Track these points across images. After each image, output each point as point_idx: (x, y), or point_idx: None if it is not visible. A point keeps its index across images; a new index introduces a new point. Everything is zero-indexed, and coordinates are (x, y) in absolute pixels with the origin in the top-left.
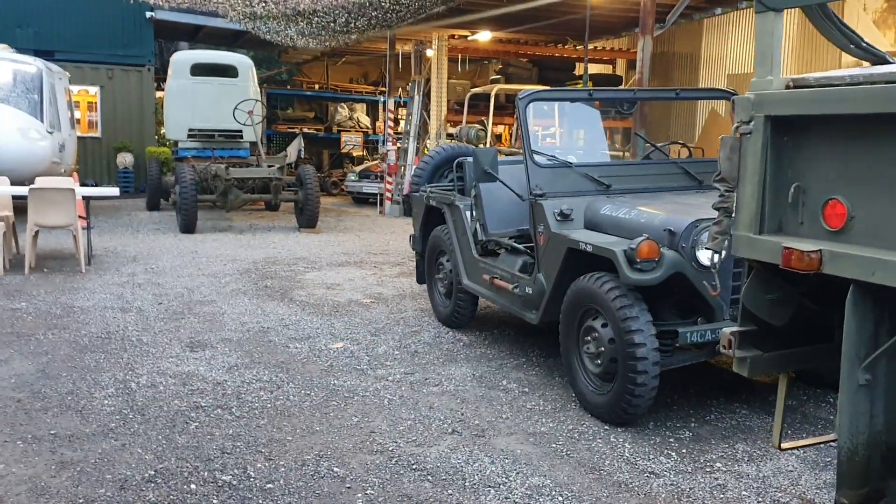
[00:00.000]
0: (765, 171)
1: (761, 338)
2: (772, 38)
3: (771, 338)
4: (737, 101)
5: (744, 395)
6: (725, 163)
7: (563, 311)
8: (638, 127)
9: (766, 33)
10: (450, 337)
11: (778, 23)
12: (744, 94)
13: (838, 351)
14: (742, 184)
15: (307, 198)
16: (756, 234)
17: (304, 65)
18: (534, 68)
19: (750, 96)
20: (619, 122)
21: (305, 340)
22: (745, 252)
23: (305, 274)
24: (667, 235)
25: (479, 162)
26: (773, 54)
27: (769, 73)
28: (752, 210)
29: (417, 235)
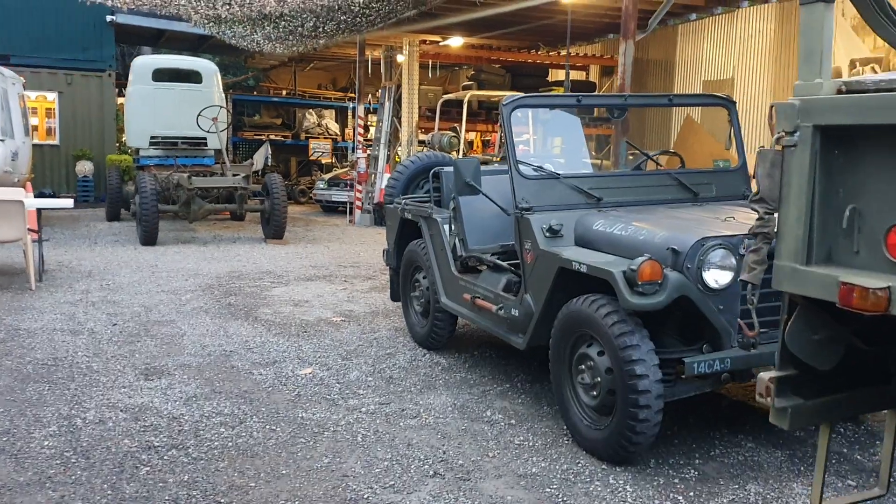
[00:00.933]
0: (813, 190)
1: (803, 384)
2: (821, 34)
3: (814, 383)
4: (779, 108)
5: (747, 425)
6: (765, 180)
7: (554, 337)
8: (620, 135)
9: (814, 27)
10: (427, 360)
11: (828, 15)
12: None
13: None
14: (785, 205)
15: (274, 208)
16: (803, 264)
17: (270, 70)
18: (507, 74)
19: (794, 102)
20: (595, 130)
21: (271, 366)
22: (790, 286)
23: (272, 289)
24: (670, 255)
25: (461, 173)
26: (822, 52)
27: (817, 74)
28: (798, 236)
29: (391, 250)
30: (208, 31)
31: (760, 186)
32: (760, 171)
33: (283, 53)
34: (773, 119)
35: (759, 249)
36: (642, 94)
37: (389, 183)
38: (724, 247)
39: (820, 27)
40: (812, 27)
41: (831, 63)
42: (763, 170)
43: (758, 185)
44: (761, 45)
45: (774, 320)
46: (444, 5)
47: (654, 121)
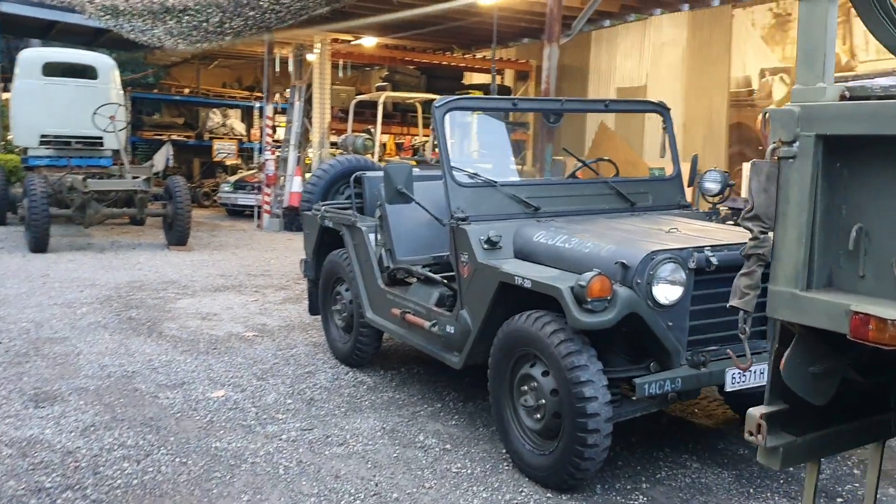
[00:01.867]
0: (814, 207)
1: (794, 419)
2: (824, 32)
3: (805, 418)
4: (775, 116)
5: (689, 443)
6: (760, 195)
7: (494, 356)
8: (546, 141)
9: (816, 25)
10: (350, 379)
11: (832, 11)
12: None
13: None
14: (782, 223)
15: (177, 212)
16: (803, 290)
17: (172, 67)
18: (422, 76)
19: (794, 109)
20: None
21: (179, 388)
22: (788, 314)
23: (177, 301)
24: (619, 269)
25: (392, 180)
26: (825, 54)
27: (820, 77)
28: (798, 259)
29: (310, 260)
30: (104, 25)
31: (754, 202)
32: (754, 186)
33: (187, 50)
34: (766, 127)
35: (752, 273)
36: (579, 98)
37: (307, 188)
38: (674, 260)
39: (823, 25)
40: (813, 25)
41: (834, 66)
42: (757, 184)
43: (751, 200)
44: (673, 53)
45: (725, 336)
46: (358, 3)
47: (565, 127)
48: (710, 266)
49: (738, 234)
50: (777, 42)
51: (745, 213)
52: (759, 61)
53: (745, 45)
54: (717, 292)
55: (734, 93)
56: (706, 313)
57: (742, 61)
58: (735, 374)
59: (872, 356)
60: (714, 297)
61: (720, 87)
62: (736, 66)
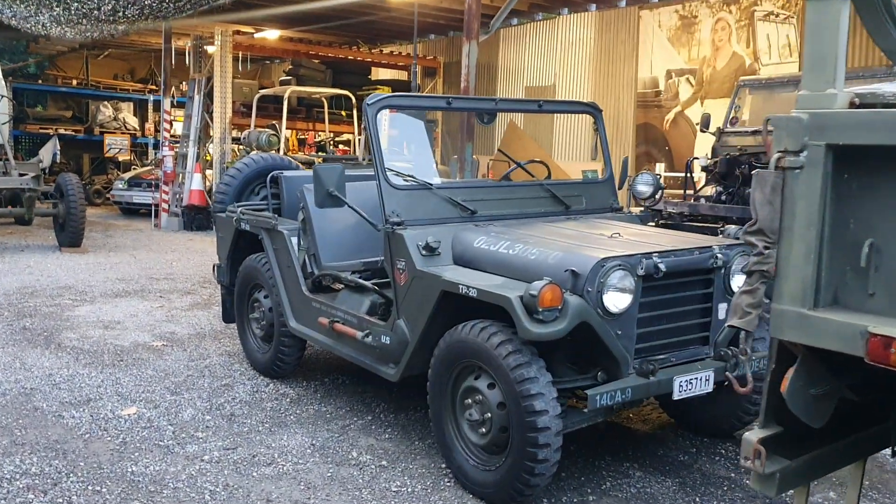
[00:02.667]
0: (822, 221)
1: (787, 442)
2: (835, 35)
3: (798, 440)
4: (779, 123)
5: (629, 451)
6: (764, 208)
7: (434, 368)
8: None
9: (827, 28)
10: (271, 391)
11: (844, 13)
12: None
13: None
14: (788, 238)
15: (70, 211)
16: (811, 309)
17: (58, 57)
18: (328, 71)
19: (801, 116)
20: None
21: (85, 405)
22: (795, 334)
23: (75, 309)
24: (569, 277)
25: (322, 182)
26: (836, 57)
27: (830, 83)
28: (805, 276)
29: (224, 265)
30: None
31: (758, 215)
32: (758, 198)
33: (75, 39)
34: (768, 135)
35: (754, 290)
36: (512, 98)
37: (220, 189)
38: (624, 267)
39: (835, 27)
40: (823, 28)
41: (844, 70)
42: (761, 195)
43: (754, 213)
44: (581, 53)
45: (669, 343)
46: None
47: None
48: (658, 273)
49: (679, 239)
50: (683, 44)
51: (748, 227)
52: (666, 62)
53: (652, 46)
54: (663, 299)
55: (641, 93)
56: (653, 320)
57: (649, 62)
58: (682, 383)
59: (871, 374)
60: (660, 304)
61: (627, 87)
62: (643, 67)
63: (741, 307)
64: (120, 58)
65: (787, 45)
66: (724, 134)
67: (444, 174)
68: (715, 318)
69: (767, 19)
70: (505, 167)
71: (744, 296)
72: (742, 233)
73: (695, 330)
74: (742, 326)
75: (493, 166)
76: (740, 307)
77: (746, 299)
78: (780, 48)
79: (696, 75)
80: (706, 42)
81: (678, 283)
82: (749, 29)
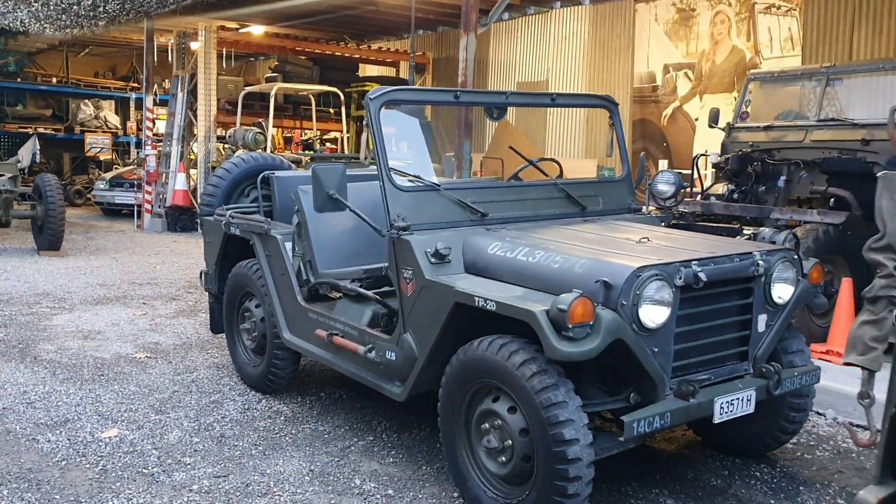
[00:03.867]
0: None
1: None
2: None
3: None
4: None
5: (656, 474)
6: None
7: (446, 388)
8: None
9: None
10: (264, 408)
11: None
12: None
13: None
14: None
15: (49, 213)
16: None
17: (37, 54)
18: (315, 67)
19: None
20: None
21: (62, 427)
22: None
23: (53, 317)
24: (600, 289)
25: (322, 184)
26: None
27: None
28: None
29: (212, 272)
30: None
31: (886, 228)
32: (886, 206)
33: (54, 35)
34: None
35: (880, 321)
36: (524, 91)
37: (208, 190)
38: (661, 277)
39: None
40: None
41: None
42: (890, 203)
43: (881, 225)
44: (575, 47)
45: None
46: None
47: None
48: (697, 283)
49: (714, 244)
50: (681, 38)
51: (872, 243)
52: (663, 57)
53: (649, 40)
54: (702, 311)
55: (637, 88)
56: (690, 335)
57: (645, 57)
58: (724, 404)
59: None
60: (699, 317)
61: (623, 82)
62: (639, 62)
63: (863, 341)
64: (101, 55)
65: (790, 38)
66: (734, 129)
67: (437, 173)
68: (754, 330)
69: (769, 12)
70: (496, 165)
71: (865, 326)
72: (865, 249)
73: (732, 344)
74: (864, 365)
75: (485, 164)
76: (861, 341)
77: (869, 331)
78: (782, 41)
79: (695, 70)
80: (705, 36)
81: (717, 294)
82: (749, 22)
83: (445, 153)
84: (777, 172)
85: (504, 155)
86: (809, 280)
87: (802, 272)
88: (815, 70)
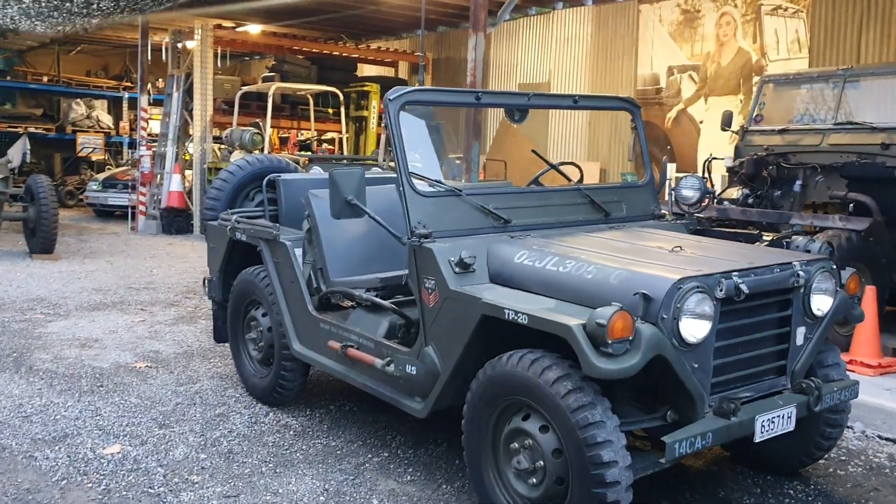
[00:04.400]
0: None
1: None
2: None
3: None
4: None
5: (686, 493)
6: None
7: (472, 404)
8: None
9: None
10: (272, 422)
11: None
12: None
13: None
14: None
15: (41, 215)
16: None
17: (28, 52)
18: (313, 67)
19: None
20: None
21: (61, 443)
22: None
23: (48, 324)
24: (639, 302)
25: (340, 189)
26: None
27: None
28: None
29: (216, 279)
30: None
31: None
32: None
33: (46, 33)
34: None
35: None
36: (545, 93)
37: (211, 194)
38: (702, 290)
39: None
40: None
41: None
42: None
43: None
44: (577, 49)
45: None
46: None
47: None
48: (739, 295)
49: (749, 253)
50: (685, 39)
51: None
52: (667, 58)
53: (653, 41)
54: (741, 325)
55: (641, 90)
56: (730, 350)
57: (649, 58)
58: (765, 423)
59: None
60: (738, 331)
61: (626, 84)
62: (643, 64)
63: None
64: (93, 53)
65: (797, 40)
66: (748, 133)
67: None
68: (793, 344)
69: (775, 13)
70: (499, 167)
71: None
72: None
73: (770, 359)
74: None
75: (488, 166)
76: None
77: None
78: (789, 43)
79: (700, 72)
80: (710, 37)
81: (756, 306)
82: (756, 24)
83: (450, 155)
84: (792, 177)
85: (506, 157)
86: (847, 290)
87: (840, 282)
88: (831, 72)
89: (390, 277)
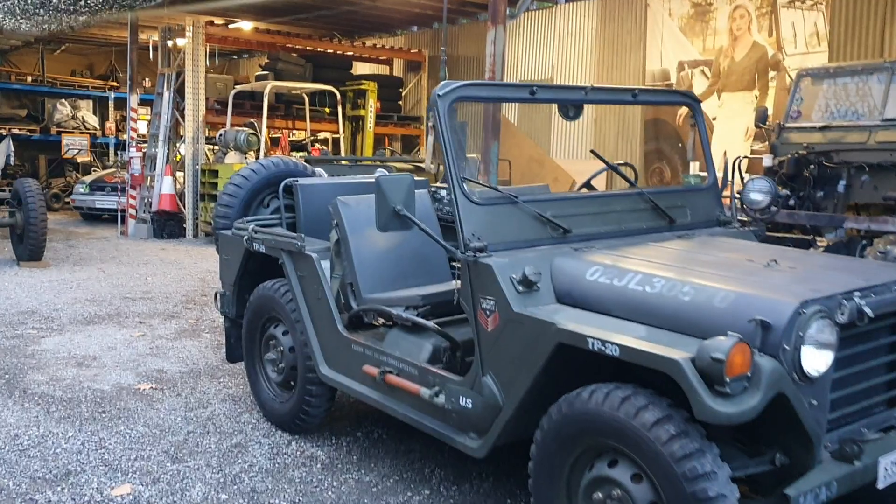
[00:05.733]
0: None
1: None
2: None
3: None
4: None
5: None
6: None
7: (543, 446)
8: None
9: None
10: (295, 452)
11: None
12: None
13: None
14: None
15: (30, 221)
16: None
17: (11, 52)
18: (307, 65)
19: None
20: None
21: (63, 482)
22: None
23: (41, 340)
24: (756, 329)
25: (388, 198)
26: None
27: None
28: None
29: (230, 293)
30: None
31: None
32: None
33: (30, 32)
34: None
35: None
36: (605, 87)
37: (223, 201)
38: (825, 315)
39: None
40: None
41: None
42: None
43: None
44: (582, 44)
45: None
46: None
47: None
48: (862, 319)
49: (856, 268)
50: (697, 33)
51: None
52: (678, 54)
53: (662, 36)
54: (859, 353)
55: (650, 86)
56: (846, 382)
57: (658, 53)
58: (889, 466)
59: None
60: (856, 360)
61: (634, 80)
62: (652, 59)
63: None
64: (78, 52)
65: (815, 33)
66: (785, 130)
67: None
68: None
69: (792, 6)
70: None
71: None
72: None
73: (881, 390)
74: None
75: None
76: None
77: None
78: (808, 37)
79: (712, 67)
80: (723, 31)
81: (871, 331)
82: (771, 17)
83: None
84: (835, 176)
85: (507, 157)
86: None
87: None
88: (877, 65)
89: (433, 294)
